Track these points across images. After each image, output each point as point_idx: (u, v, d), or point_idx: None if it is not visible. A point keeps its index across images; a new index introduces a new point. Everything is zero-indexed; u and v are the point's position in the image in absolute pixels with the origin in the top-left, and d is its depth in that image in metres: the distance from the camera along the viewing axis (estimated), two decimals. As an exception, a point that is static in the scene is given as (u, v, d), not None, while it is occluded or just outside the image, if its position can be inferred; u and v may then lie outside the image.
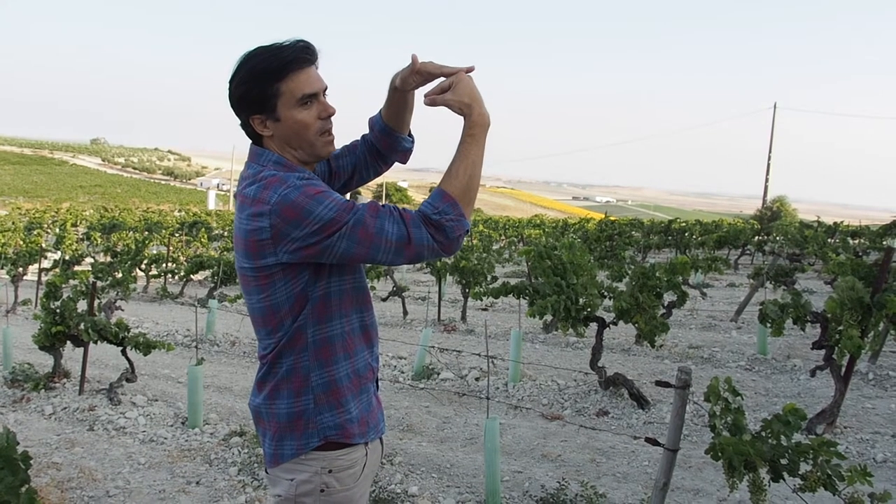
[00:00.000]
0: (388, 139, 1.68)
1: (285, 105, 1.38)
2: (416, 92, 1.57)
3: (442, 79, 1.45)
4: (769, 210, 42.03)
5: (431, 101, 1.43)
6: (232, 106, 1.43)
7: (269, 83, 1.37)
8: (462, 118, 1.40)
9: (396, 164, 1.74)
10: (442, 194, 1.35)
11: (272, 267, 1.37)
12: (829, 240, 14.60)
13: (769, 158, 43.86)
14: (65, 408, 4.84)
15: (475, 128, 1.39)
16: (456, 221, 1.34)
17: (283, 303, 1.40)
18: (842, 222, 19.78)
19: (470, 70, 1.43)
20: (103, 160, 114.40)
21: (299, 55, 1.37)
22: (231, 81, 1.40)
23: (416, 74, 1.48)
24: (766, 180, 43.93)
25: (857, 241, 16.10)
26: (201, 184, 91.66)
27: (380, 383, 5.35)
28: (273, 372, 1.46)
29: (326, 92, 1.45)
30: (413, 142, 1.72)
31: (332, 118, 1.44)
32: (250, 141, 1.49)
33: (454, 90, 1.40)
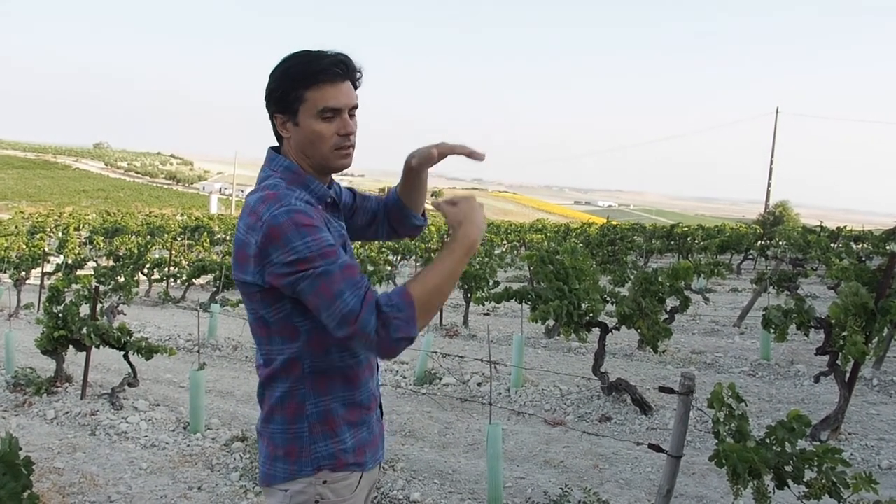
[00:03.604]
0: (400, 214, 1.70)
1: (306, 113, 1.39)
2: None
3: (460, 153, 1.49)
4: (771, 215, 41.98)
5: (435, 205, 1.49)
6: (264, 99, 1.45)
7: (295, 87, 1.37)
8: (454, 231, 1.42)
9: (399, 167, 1.74)
10: (403, 292, 1.31)
11: (250, 285, 1.36)
12: (832, 245, 14.57)
13: (771, 163, 43.85)
14: (67, 412, 4.83)
15: (455, 244, 1.38)
16: (404, 322, 1.27)
17: (269, 321, 1.39)
18: (845, 227, 19.74)
19: (481, 157, 1.47)
20: (106, 164, 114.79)
21: (331, 68, 1.37)
22: (269, 76, 1.42)
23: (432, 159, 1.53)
24: (769, 185, 43.90)
25: (860, 246, 16.06)
26: (204, 188, 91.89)
27: (382, 388, 5.31)
28: (267, 395, 1.45)
29: (355, 110, 1.44)
30: (425, 221, 1.74)
31: (352, 137, 1.43)
32: (275, 141, 1.49)
33: (458, 205, 1.43)
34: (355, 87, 1.44)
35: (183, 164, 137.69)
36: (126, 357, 5.01)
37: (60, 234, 22.05)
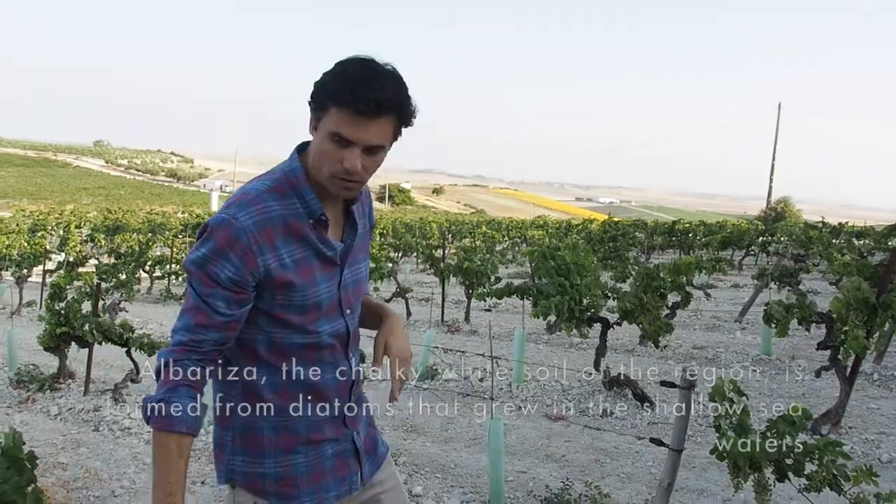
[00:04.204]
0: None
1: (324, 125, 1.26)
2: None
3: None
4: (773, 211, 41.99)
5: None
6: None
7: (326, 97, 1.25)
8: None
9: (400, 163, 1.68)
10: (163, 417, 1.28)
11: None
12: (833, 240, 14.56)
13: (773, 159, 43.82)
14: (70, 408, 4.85)
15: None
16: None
17: None
18: (847, 223, 19.74)
19: (391, 398, 1.46)
20: (106, 162, 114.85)
21: (360, 103, 1.21)
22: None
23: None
24: (771, 181, 43.89)
25: (862, 242, 16.06)
26: (204, 185, 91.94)
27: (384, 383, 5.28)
28: (213, 395, 1.43)
29: (379, 150, 1.28)
30: None
31: (356, 175, 1.28)
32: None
33: None
34: (403, 125, 1.30)
35: (183, 162, 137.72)
36: (129, 353, 5.03)
37: (61, 232, 22.08)
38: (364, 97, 1.21)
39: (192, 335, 1.28)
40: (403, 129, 1.32)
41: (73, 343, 5.20)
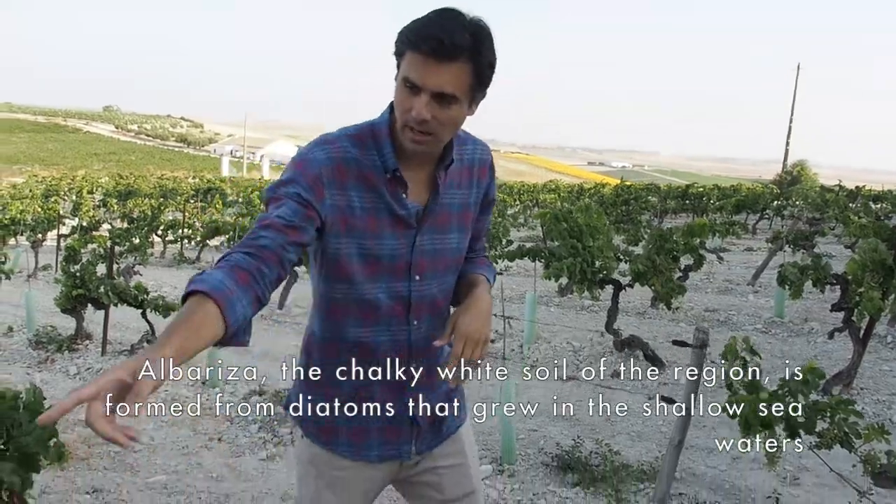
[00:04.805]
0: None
1: (400, 72, 1.23)
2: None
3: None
4: (789, 175, 41.33)
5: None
6: None
7: (401, 42, 1.22)
8: None
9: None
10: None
11: None
12: (850, 204, 14.35)
13: (791, 122, 42.93)
14: (88, 368, 4.95)
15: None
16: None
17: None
18: (864, 187, 19.40)
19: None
20: (116, 127, 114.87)
21: (423, 42, 1.17)
22: None
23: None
24: (787, 144, 43.10)
25: (879, 206, 15.80)
26: (215, 150, 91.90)
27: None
28: None
29: (452, 100, 1.20)
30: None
31: (425, 125, 1.21)
32: None
33: None
34: (480, 80, 1.22)
35: (193, 127, 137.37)
36: (144, 315, 5.10)
37: (74, 197, 22.23)
38: (433, 37, 1.16)
39: (247, 237, 1.20)
40: (485, 90, 1.25)
41: (89, 305, 5.27)
